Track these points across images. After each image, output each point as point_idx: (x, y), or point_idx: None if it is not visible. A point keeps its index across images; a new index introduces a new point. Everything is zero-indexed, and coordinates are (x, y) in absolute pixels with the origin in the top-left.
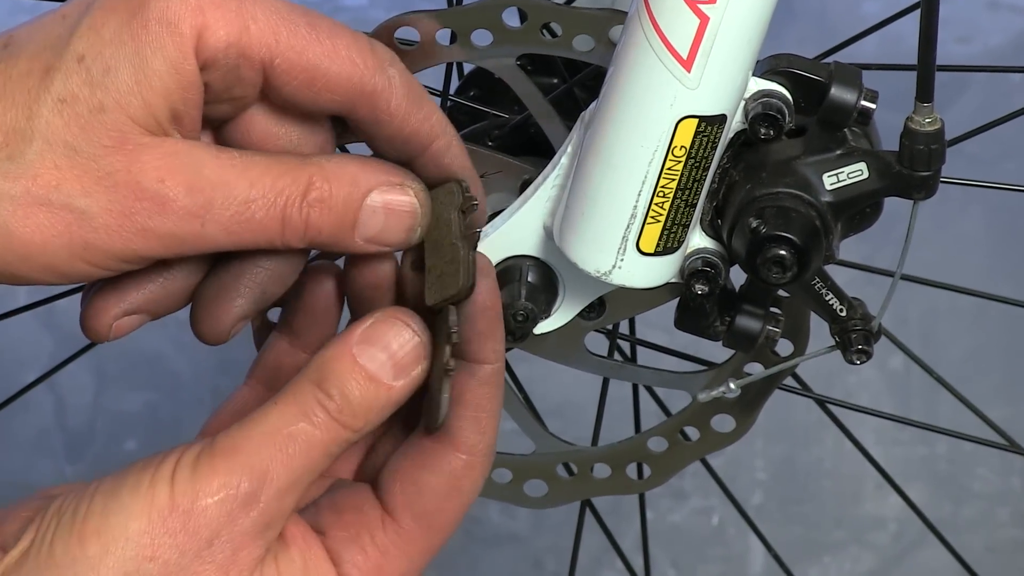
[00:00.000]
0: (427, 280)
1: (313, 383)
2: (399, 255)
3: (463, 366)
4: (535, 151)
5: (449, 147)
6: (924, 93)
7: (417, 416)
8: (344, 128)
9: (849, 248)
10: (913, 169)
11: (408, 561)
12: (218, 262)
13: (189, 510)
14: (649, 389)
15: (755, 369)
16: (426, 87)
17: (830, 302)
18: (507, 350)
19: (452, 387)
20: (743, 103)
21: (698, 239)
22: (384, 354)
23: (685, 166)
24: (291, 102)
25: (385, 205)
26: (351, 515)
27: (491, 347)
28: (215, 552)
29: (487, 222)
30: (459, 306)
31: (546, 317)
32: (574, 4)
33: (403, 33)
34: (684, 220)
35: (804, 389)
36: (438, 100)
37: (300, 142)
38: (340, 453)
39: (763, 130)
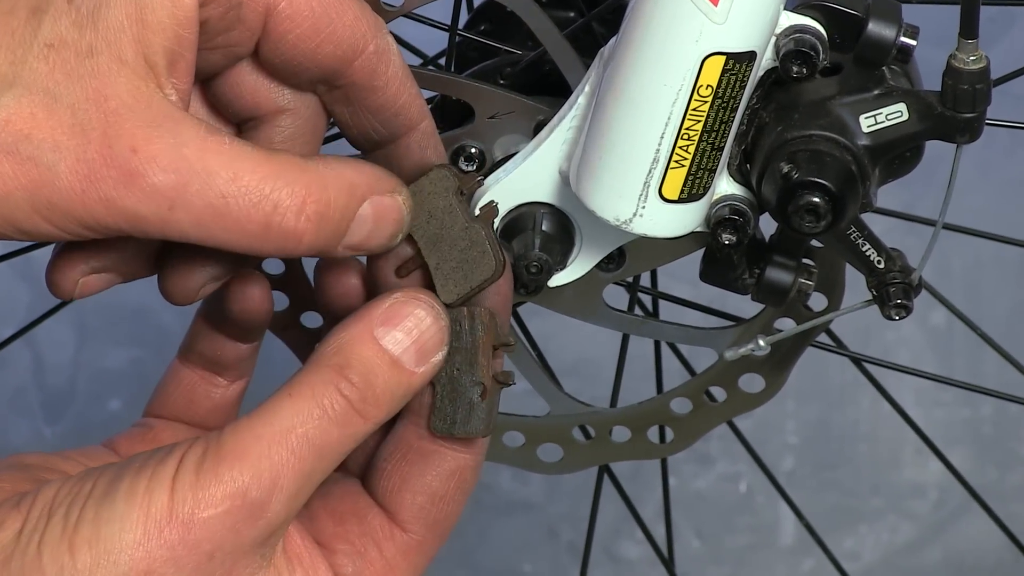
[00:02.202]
0: (436, 278)
1: (333, 369)
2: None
3: None
4: (550, 90)
5: (434, 131)
6: (968, 29)
7: None
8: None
9: (888, 195)
10: (956, 110)
11: (414, 570)
12: None
13: (189, 520)
14: (672, 346)
15: (786, 325)
16: (434, 22)
17: (867, 253)
18: (520, 304)
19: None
20: (774, 39)
21: (725, 185)
22: (408, 338)
23: (711, 107)
24: (285, 57)
25: (375, 213)
26: (355, 525)
27: (504, 322)
28: (215, 566)
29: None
30: (480, 296)
31: (562, 269)
32: None
33: None
34: (710, 165)
35: (839, 346)
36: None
37: (293, 103)
38: (354, 448)
39: (795, 68)
